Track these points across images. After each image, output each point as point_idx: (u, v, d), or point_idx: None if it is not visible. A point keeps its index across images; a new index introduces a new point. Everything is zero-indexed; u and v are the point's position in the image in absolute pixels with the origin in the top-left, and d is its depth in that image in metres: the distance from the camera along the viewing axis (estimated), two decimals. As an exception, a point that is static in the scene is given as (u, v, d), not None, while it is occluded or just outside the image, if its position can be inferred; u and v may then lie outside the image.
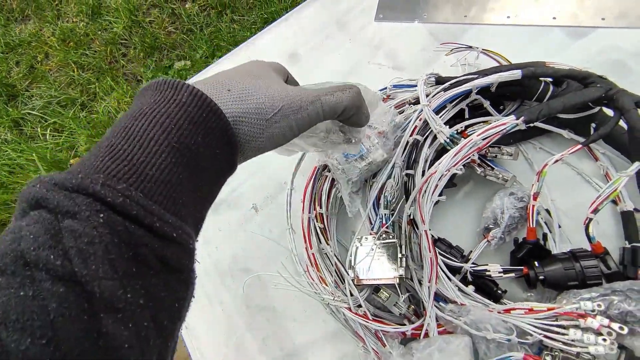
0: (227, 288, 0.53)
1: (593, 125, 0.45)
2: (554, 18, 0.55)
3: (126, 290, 0.19)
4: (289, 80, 0.36)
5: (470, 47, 0.51)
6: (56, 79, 1.23)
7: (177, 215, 0.22)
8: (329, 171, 0.49)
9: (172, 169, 0.22)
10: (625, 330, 0.32)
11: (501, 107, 0.49)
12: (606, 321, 0.33)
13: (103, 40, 1.22)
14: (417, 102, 0.49)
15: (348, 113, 0.31)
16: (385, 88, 0.54)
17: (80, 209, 0.19)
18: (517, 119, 0.40)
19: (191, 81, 0.28)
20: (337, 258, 0.45)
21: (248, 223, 0.55)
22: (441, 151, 0.45)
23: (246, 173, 0.58)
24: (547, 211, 0.46)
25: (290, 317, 0.50)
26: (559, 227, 0.45)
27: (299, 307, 0.50)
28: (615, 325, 0.33)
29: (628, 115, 0.38)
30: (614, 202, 0.45)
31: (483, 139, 0.40)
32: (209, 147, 0.25)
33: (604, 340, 0.32)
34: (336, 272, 0.44)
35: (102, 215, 0.19)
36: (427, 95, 0.45)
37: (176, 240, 0.22)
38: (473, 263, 0.42)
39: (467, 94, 0.44)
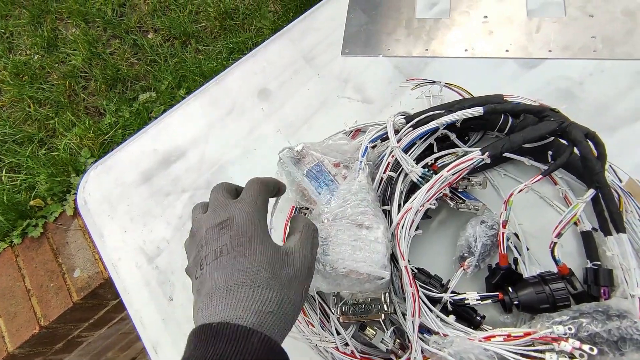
0: (210, 333, 0.52)
1: (550, 152, 0.49)
2: (507, 50, 0.59)
3: None
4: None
5: (434, 81, 0.54)
6: (10, 115, 1.17)
7: None
8: (307, 209, 0.50)
9: None
10: (595, 351, 0.35)
11: (466, 137, 0.52)
12: (577, 344, 0.35)
13: (61, 74, 1.18)
14: (387, 138, 0.50)
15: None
16: (356, 122, 0.56)
17: None
18: (483, 154, 0.42)
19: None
20: (321, 297, 0.45)
21: (228, 264, 0.55)
22: (415, 184, 0.46)
23: (223, 213, 0.58)
24: (516, 235, 0.48)
25: (277, 359, 0.49)
26: (527, 249, 0.48)
27: (286, 347, 0.49)
28: (586, 347, 0.35)
29: (580, 146, 0.41)
30: (575, 223, 0.48)
31: (453, 174, 0.43)
32: None
33: (577, 362, 0.35)
34: (321, 311, 0.45)
35: None
36: (396, 132, 0.47)
37: None
38: (452, 292, 0.44)
39: (434, 130, 0.46)
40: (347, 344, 0.42)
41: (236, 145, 0.62)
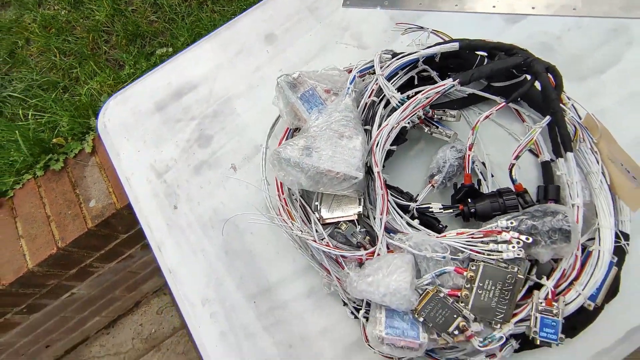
0: (208, 238, 0.59)
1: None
2: (494, 7, 0.64)
3: None
4: None
5: (422, 27, 0.59)
6: (37, 64, 1.25)
7: None
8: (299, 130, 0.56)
9: None
10: (530, 240, 0.41)
11: (447, 78, 0.57)
12: (516, 234, 0.41)
13: (85, 28, 1.25)
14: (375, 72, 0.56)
15: None
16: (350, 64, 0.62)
17: None
18: (454, 80, 0.48)
19: None
20: (304, 201, 0.52)
21: (227, 181, 0.62)
22: (394, 110, 0.52)
23: (225, 137, 0.64)
24: (484, 164, 0.54)
25: (264, 259, 0.56)
26: (492, 176, 0.53)
27: (272, 250, 0.56)
28: (523, 237, 0.41)
29: (540, 77, 0.47)
30: (536, 155, 0.54)
31: (426, 98, 0.48)
32: None
33: (513, 247, 0.41)
34: (303, 212, 0.51)
35: None
36: (381, 67, 0.53)
37: None
38: (420, 203, 0.50)
39: (415, 62, 0.52)
40: (323, 239, 0.49)
41: (241, 82, 0.68)
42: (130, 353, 1.42)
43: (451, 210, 0.49)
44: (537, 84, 0.50)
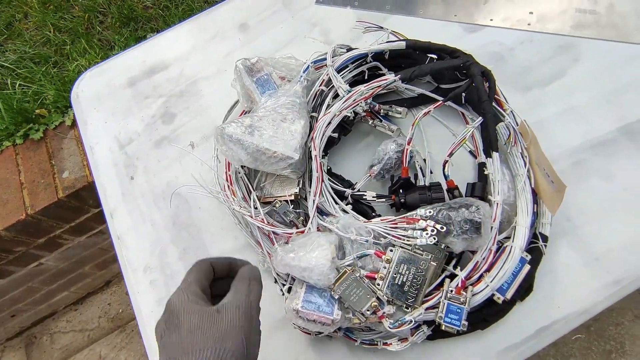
0: (158, 208, 0.61)
1: (464, 94, 0.57)
2: (455, 15, 0.67)
3: None
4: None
5: (382, 27, 0.62)
6: (32, 37, 1.28)
7: None
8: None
9: None
10: (444, 229, 0.43)
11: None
12: (432, 223, 0.44)
13: (82, 7, 1.29)
14: (331, 64, 0.59)
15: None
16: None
17: None
18: (395, 76, 0.51)
19: None
20: (247, 179, 0.54)
21: (184, 157, 0.64)
22: (341, 101, 0.55)
23: (188, 116, 0.67)
24: (425, 160, 0.57)
25: (208, 232, 0.58)
26: (431, 172, 0.56)
27: (217, 225, 0.59)
28: (438, 226, 0.43)
29: (475, 79, 0.50)
30: (474, 155, 0.56)
31: (369, 90, 0.51)
32: None
33: (427, 234, 0.43)
34: (246, 190, 0.54)
35: None
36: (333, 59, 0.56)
37: None
38: (355, 191, 0.53)
39: (364, 56, 0.55)
40: (259, 215, 0.51)
41: (211, 65, 0.71)
42: (95, 331, 1.44)
43: (384, 200, 0.51)
44: (477, 88, 0.52)
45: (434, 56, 0.57)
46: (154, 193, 0.63)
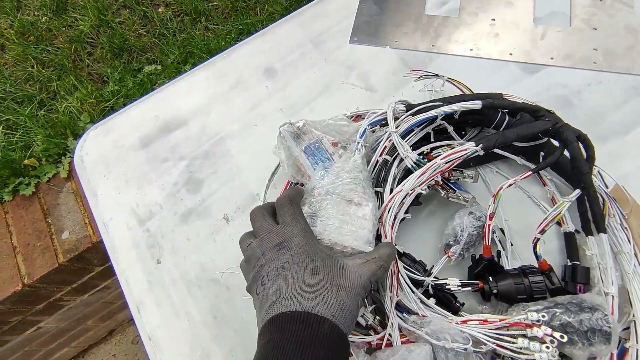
0: (193, 298, 0.53)
1: (542, 153, 0.50)
2: (511, 54, 0.60)
3: None
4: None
5: (437, 75, 0.55)
6: (12, 74, 1.16)
7: None
8: (302, 185, 0.50)
9: None
10: (565, 339, 0.36)
11: (463, 132, 0.53)
12: (549, 330, 0.37)
13: (67, 37, 1.17)
14: (386, 124, 0.51)
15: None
16: (357, 108, 0.57)
17: None
18: (477, 145, 0.43)
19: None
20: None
21: (218, 233, 0.55)
22: (409, 170, 0.48)
23: (217, 183, 0.58)
24: (502, 230, 0.50)
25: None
26: (511, 245, 0.49)
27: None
28: (557, 334, 0.36)
29: (571, 147, 0.43)
30: (559, 223, 0.49)
31: (446, 163, 0.44)
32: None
33: (547, 347, 0.36)
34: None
35: None
36: (395, 120, 0.48)
37: None
38: (434, 277, 0.45)
39: (432, 119, 0.48)
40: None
41: (237, 119, 0.62)
42: (100, 386, 1.32)
43: (470, 288, 0.44)
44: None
45: (505, 110, 0.50)
46: (186, 279, 0.54)
